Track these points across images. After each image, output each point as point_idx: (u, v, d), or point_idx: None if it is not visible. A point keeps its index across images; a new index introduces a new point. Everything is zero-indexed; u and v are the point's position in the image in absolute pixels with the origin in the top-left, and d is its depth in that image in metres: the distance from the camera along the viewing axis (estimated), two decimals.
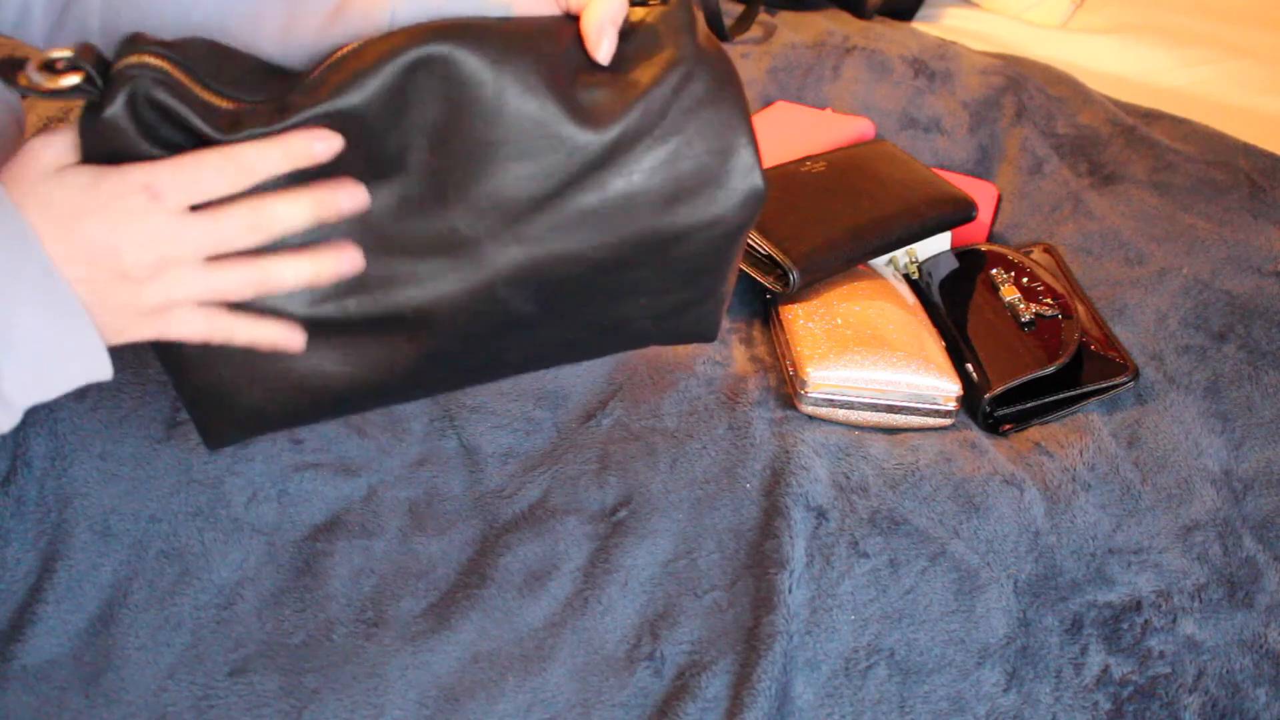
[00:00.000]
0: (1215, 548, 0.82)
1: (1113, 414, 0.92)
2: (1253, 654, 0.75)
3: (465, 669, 0.69)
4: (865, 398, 0.88)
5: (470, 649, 0.70)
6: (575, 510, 0.79)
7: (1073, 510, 0.83)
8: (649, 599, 0.74)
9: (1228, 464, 0.89)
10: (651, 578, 0.75)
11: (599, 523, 0.78)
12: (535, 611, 0.73)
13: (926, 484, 0.83)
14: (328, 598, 0.72)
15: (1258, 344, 0.97)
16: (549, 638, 0.71)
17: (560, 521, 0.78)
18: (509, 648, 0.71)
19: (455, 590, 0.74)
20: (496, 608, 0.72)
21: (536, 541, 0.76)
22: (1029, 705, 0.71)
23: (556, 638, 0.71)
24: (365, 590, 0.73)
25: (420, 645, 0.70)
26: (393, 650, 0.70)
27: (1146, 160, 1.20)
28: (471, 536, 0.77)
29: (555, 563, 0.75)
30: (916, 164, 1.08)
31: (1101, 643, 0.75)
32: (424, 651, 0.70)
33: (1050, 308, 0.97)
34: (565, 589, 0.74)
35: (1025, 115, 1.27)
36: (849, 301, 0.94)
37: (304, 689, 0.67)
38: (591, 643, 0.72)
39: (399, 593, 0.73)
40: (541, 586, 0.74)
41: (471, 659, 0.70)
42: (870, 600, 0.75)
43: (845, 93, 1.31)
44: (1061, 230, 1.13)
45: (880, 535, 0.79)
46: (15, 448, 0.75)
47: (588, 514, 0.79)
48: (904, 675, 0.72)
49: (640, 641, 0.71)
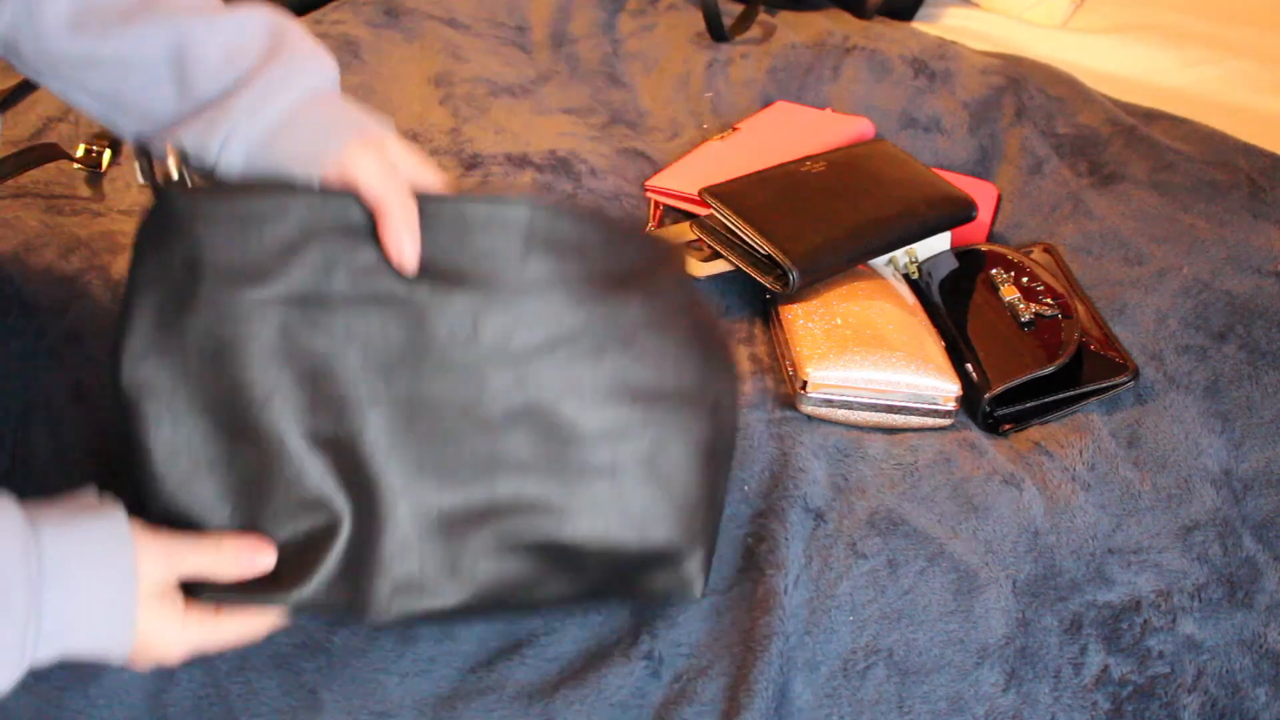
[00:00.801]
0: (1215, 548, 0.82)
1: (1113, 414, 0.92)
2: (1252, 654, 0.75)
3: (464, 678, 0.69)
4: (865, 398, 0.88)
5: (470, 659, 0.70)
6: None
7: (1072, 510, 0.83)
8: (647, 602, 0.74)
9: (1228, 464, 0.89)
10: None
11: None
12: (534, 620, 0.72)
13: (925, 484, 0.83)
14: None
15: (1258, 344, 0.97)
16: (549, 645, 0.71)
17: None
18: (508, 656, 0.71)
19: None
20: (498, 617, 0.72)
21: None
22: (1028, 705, 0.71)
23: (557, 645, 0.71)
24: None
25: (421, 652, 0.70)
26: (394, 656, 0.70)
27: (1146, 160, 1.20)
28: None
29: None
30: (916, 164, 1.08)
31: (1101, 643, 0.75)
32: (424, 659, 0.70)
33: (1050, 308, 0.97)
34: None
35: (1025, 115, 1.27)
36: (849, 301, 0.94)
37: (304, 691, 0.67)
38: (590, 647, 0.72)
39: None
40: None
41: (470, 669, 0.70)
42: (869, 601, 0.75)
43: (845, 93, 1.31)
44: (1061, 230, 1.13)
45: (879, 536, 0.79)
46: (14, 447, 0.75)
47: None
48: (903, 676, 0.72)
49: (638, 644, 0.71)
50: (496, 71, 1.31)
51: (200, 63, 0.65)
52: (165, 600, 0.60)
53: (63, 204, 0.96)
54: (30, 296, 0.82)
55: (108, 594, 0.57)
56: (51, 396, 0.77)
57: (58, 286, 0.85)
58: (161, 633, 0.59)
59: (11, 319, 0.81)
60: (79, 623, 0.56)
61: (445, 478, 0.65)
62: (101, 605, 0.57)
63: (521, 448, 0.65)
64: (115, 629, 0.57)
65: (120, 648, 0.58)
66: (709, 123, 1.28)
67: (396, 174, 0.64)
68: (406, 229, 0.63)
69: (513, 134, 1.19)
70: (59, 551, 0.56)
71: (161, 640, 0.60)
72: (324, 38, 1.28)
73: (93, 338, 0.81)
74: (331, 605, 0.64)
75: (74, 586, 0.56)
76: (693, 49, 1.40)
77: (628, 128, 1.26)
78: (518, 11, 1.45)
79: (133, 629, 0.58)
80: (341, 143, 0.64)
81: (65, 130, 1.07)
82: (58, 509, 0.59)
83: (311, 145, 0.64)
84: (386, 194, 0.63)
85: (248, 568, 0.61)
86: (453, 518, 0.65)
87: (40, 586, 0.55)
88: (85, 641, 0.57)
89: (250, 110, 0.64)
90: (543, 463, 0.66)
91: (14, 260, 0.86)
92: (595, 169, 1.14)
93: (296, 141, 0.64)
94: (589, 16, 1.46)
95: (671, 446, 0.68)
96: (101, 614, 0.57)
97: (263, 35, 0.67)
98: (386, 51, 1.30)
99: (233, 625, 0.64)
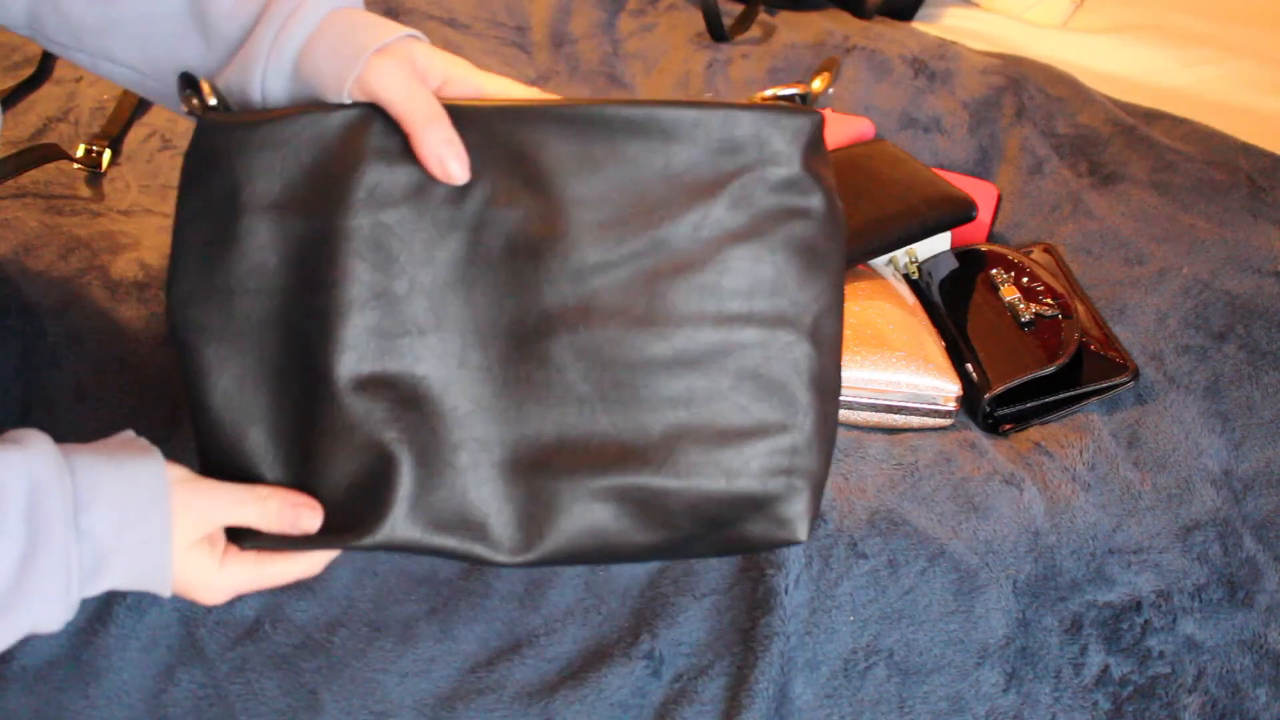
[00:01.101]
0: (1215, 548, 0.82)
1: (1113, 414, 0.92)
2: (1252, 654, 0.75)
3: (464, 678, 0.69)
4: (865, 398, 0.88)
5: (470, 659, 0.70)
6: None
7: (1072, 510, 0.83)
8: (648, 602, 0.74)
9: (1228, 464, 0.89)
10: (650, 581, 0.75)
11: None
12: (535, 620, 0.72)
13: (926, 484, 0.83)
14: (329, 600, 0.72)
15: (1258, 344, 0.97)
16: (549, 645, 0.71)
17: None
18: (508, 656, 0.71)
19: (457, 598, 0.73)
20: (499, 618, 0.72)
21: None
22: (1028, 705, 0.71)
23: (557, 645, 0.71)
24: (367, 593, 0.73)
25: (420, 652, 0.70)
26: (393, 656, 0.70)
27: (1146, 160, 1.20)
28: None
29: (556, 571, 0.75)
30: (916, 164, 1.08)
31: (1101, 643, 0.75)
32: (423, 659, 0.70)
33: (1050, 308, 0.97)
34: (566, 598, 0.74)
35: (1025, 115, 1.27)
36: (849, 301, 0.94)
37: (303, 691, 0.67)
38: (590, 646, 0.72)
39: (401, 598, 0.73)
40: (543, 596, 0.74)
41: (470, 669, 0.70)
42: (869, 601, 0.75)
43: (845, 93, 1.31)
44: (1061, 230, 1.13)
45: (879, 536, 0.79)
46: None
47: None
48: (903, 676, 0.72)
49: (638, 644, 0.71)
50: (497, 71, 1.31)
51: (216, 8, 0.64)
52: (203, 543, 0.59)
53: (62, 204, 0.96)
54: (30, 297, 0.82)
55: (142, 527, 0.56)
56: (51, 396, 0.77)
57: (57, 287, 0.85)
58: (198, 575, 0.58)
59: (11, 319, 0.81)
60: (118, 553, 0.55)
61: (512, 414, 0.61)
62: (137, 537, 0.56)
63: (587, 380, 0.61)
64: (154, 562, 0.56)
65: (162, 583, 0.57)
66: None
67: (423, 85, 0.61)
68: (441, 141, 0.60)
69: None
70: (92, 480, 0.55)
71: (201, 582, 0.59)
72: None
73: (92, 338, 0.81)
74: (391, 547, 0.61)
75: (110, 516, 0.55)
76: (693, 49, 1.40)
77: None
78: (518, 11, 1.45)
79: (169, 565, 0.57)
80: (363, 60, 0.61)
81: (65, 130, 1.07)
82: (92, 446, 0.58)
83: (335, 65, 0.61)
84: (412, 107, 0.60)
85: (290, 526, 0.59)
86: (520, 459, 0.61)
87: (75, 515, 0.54)
88: (127, 574, 0.56)
89: (274, 44, 0.62)
90: (612, 395, 0.61)
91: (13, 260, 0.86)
92: None
93: (319, 65, 0.62)
94: (589, 16, 1.46)
95: (771, 368, 0.62)
96: (138, 546, 0.56)
97: None
98: None
99: (279, 566, 0.62)
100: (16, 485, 0.52)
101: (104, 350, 0.81)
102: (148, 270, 0.88)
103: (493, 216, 0.61)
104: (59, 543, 0.53)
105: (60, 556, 0.53)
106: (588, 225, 0.61)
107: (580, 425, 0.61)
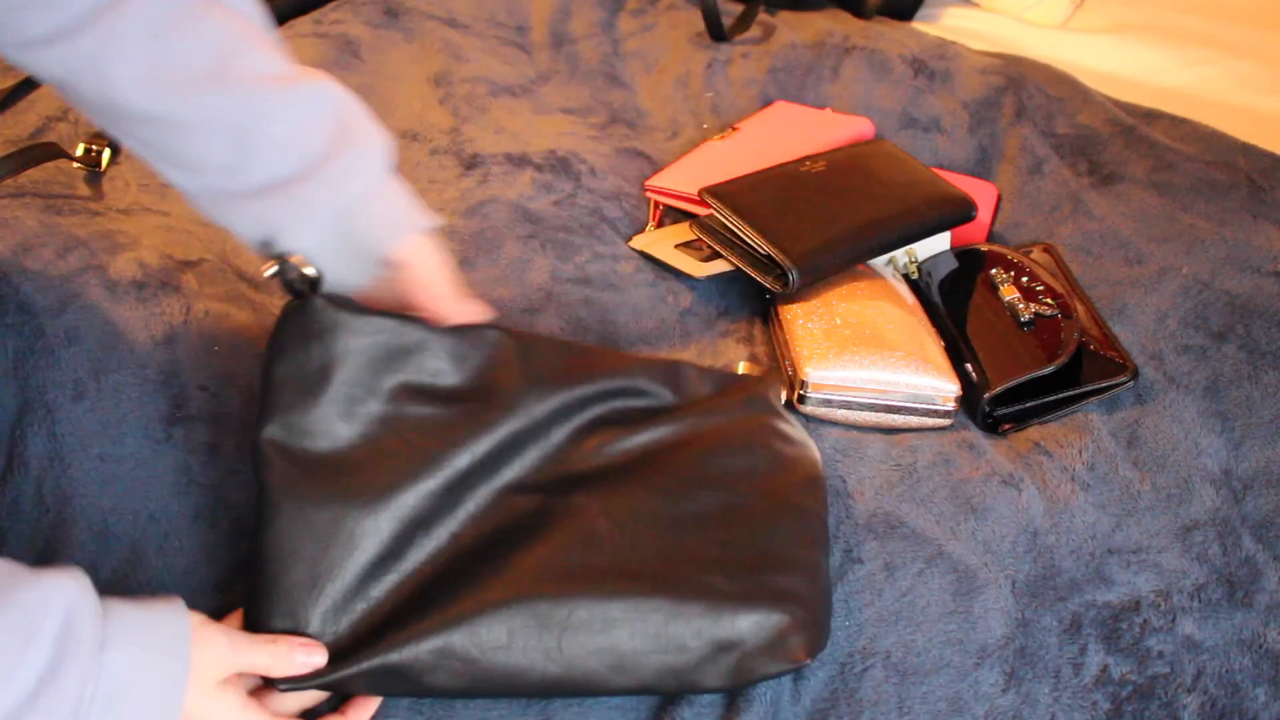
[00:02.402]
0: (1214, 547, 0.82)
1: (1112, 414, 0.92)
2: (1252, 654, 0.75)
3: None
4: (864, 398, 0.88)
5: None
6: None
7: (1071, 510, 0.83)
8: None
9: (1227, 464, 0.89)
10: None
11: None
12: None
13: (925, 485, 0.83)
14: None
15: (1257, 344, 0.97)
16: None
17: None
18: None
19: None
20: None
21: None
22: (1028, 705, 0.71)
23: None
24: None
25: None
26: None
27: (1146, 160, 1.20)
28: None
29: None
30: (916, 164, 1.08)
31: (1100, 642, 0.75)
32: None
33: (1050, 307, 0.97)
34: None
35: (1025, 115, 1.27)
36: (848, 301, 0.94)
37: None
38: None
39: None
40: None
41: None
42: (867, 603, 0.75)
43: (845, 93, 1.31)
44: (1061, 230, 1.13)
45: (878, 537, 0.79)
46: (11, 447, 0.75)
47: None
48: (901, 676, 0.72)
49: None
50: (496, 71, 1.31)
51: (265, 140, 0.69)
52: (226, 686, 0.62)
53: (61, 204, 0.96)
54: (28, 296, 0.82)
55: (159, 672, 0.58)
56: (49, 396, 0.77)
57: (56, 286, 0.84)
58: (226, 713, 0.61)
59: (9, 318, 0.81)
60: (131, 695, 0.57)
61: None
62: (155, 681, 0.58)
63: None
64: (164, 708, 0.58)
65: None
66: (709, 123, 1.28)
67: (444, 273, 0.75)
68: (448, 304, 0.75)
69: (512, 134, 1.19)
70: (121, 623, 0.58)
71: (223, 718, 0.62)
72: (324, 38, 1.28)
73: (91, 337, 0.81)
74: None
75: (132, 655, 0.57)
76: (692, 49, 1.40)
77: (627, 127, 1.26)
78: (518, 11, 1.45)
79: (177, 713, 0.59)
80: (414, 226, 0.74)
81: (65, 130, 1.07)
82: (124, 598, 0.60)
83: (392, 224, 0.73)
84: (437, 275, 0.75)
85: (298, 667, 0.63)
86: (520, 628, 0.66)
87: (101, 650, 0.56)
88: (133, 716, 0.58)
89: (316, 202, 0.70)
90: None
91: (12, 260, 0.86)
92: (595, 169, 1.14)
93: (376, 220, 0.72)
94: (589, 16, 1.46)
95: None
96: (154, 692, 0.58)
97: (329, 119, 0.71)
98: (386, 51, 1.30)
99: (294, 702, 0.65)
100: (56, 607, 0.55)
101: (102, 350, 0.80)
102: (146, 269, 0.88)
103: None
104: (80, 671, 0.55)
105: (77, 684, 0.55)
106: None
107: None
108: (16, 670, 0.53)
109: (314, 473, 0.67)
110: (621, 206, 1.10)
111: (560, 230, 1.04)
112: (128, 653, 0.57)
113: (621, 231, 1.08)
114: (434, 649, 0.64)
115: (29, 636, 0.54)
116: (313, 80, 0.72)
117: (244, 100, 0.68)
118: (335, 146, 0.71)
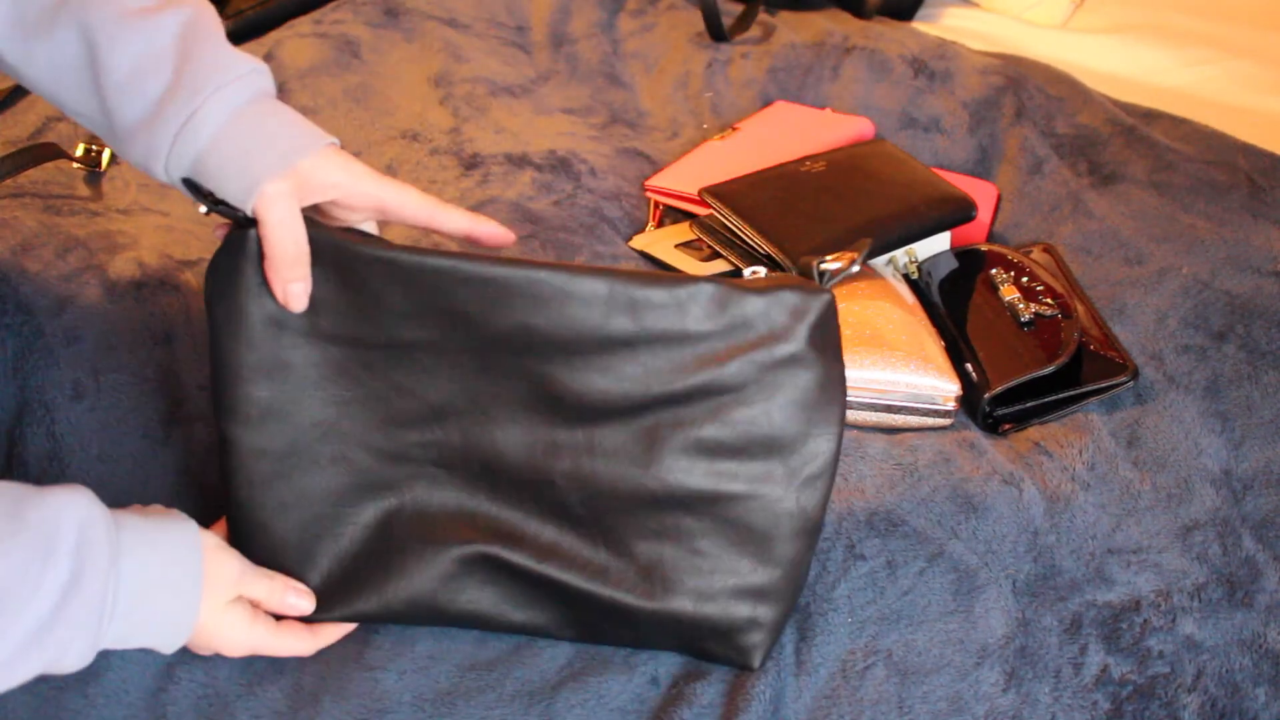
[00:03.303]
0: (1215, 547, 0.82)
1: (1112, 414, 0.92)
2: (1252, 654, 0.75)
3: (463, 675, 0.69)
4: (864, 398, 0.88)
5: (469, 657, 0.70)
6: None
7: (1072, 510, 0.83)
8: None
9: (1227, 464, 0.89)
10: None
11: None
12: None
13: (925, 484, 0.83)
14: None
15: (1258, 344, 0.97)
16: (548, 647, 0.71)
17: None
18: (507, 656, 0.71)
19: None
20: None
21: None
22: (1028, 705, 0.71)
23: (555, 646, 0.71)
24: None
25: (420, 651, 0.70)
26: (392, 655, 0.70)
27: (1146, 160, 1.20)
28: None
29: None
30: (916, 164, 1.08)
31: (1101, 642, 0.75)
32: (423, 657, 0.70)
33: (1050, 307, 0.97)
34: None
35: (1025, 115, 1.27)
36: (849, 301, 0.94)
37: (303, 691, 0.67)
38: (590, 651, 0.72)
39: None
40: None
41: (469, 666, 0.70)
42: (868, 602, 0.75)
43: (845, 93, 1.31)
44: (1061, 230, 1.13)
45: (878, 537, 0.79)
46: (10, 447, 0.75)
47: None
48: (902, 676, 0.72)
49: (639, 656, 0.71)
50: (496, 71, 1.31)
51: (111, 73, 0.64)
52: (236, 604, 0.66)
53: (60, 204, 0.96)
54: (27, 296, 0.82)
55: (170, 583, 0.62)
56: (48, 396, 0.77)
57: (55, 286, 0.84)
58: (228, 630, 0.65)
59: (8, 318, 0.81)
60: (146, 602, 0.61)
61: (492, 516, 0.69)
62: (168, 590, 0.62)
63: (584, 504, 0.69)
64: (177, 616, 0.62)
65: (174, 642, 0.63)
66: (709, 123, 1.28)
67: (296, 222, 0.64)
68: (285, 271, 0.64)
69: (512, 134, 1.19)
70: (132, 534, 0.60)
71: (227, 637, 0.66)
72: (324, 38, 1.28)
73: (90, 337, 0.81)
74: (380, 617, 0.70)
75: (145, 564, 0.60)
76: (692, 49, 1.40)
77: (627, 127, 1.26)
78: (518, 11, 1.45)
79: (190, 622, 0.63)
80: (255, 194, 0.63)
81: (65, 130, 1.07)
82: (132, 510, 0.64)
83: (234, 187, 0.64)
84: (278, 248, 0.64)
85: (287, 608, 0.68)
86: (498, 564, 0.69)
87: (116, 558, 0.59)
88: (145, 630, 0.62)
89: (171, 151, 0.64)
90: (606, 520, 0.69)
91: (11, 260, 0.86)
92: (595, 169, 1.14)
93: (222, 184, 0.64)
94: (589, 16, 1.46)
95: (755, 519, 0.69)
96: (170, 597, 0.62)
97: (171, 49, 0.64)
98: (386, 51, 1.30)
99: (290, 638, 0.68)
100: (69, 524, 0.58)
101: (102, 349, 0.80)
102: (145, 270, 0.88)
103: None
104: (100, 580, 0.58)
105: (99, 592, 0.58)
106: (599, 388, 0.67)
107: (570, 539, 0.69)
108: (40, 585, 0.56)
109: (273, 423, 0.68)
110: (621, 206, 1.10)
111: (560, 230, 1.04)
112: (142, 559, 0.60)
113: (621, 231, 1.08)
114: (405, 600, 0.69)
115: (48, 552, 0.56)
116: (158, 13, 0.65)
117: (82, 32, 0.64)
118: (175, 85, 0.63)
